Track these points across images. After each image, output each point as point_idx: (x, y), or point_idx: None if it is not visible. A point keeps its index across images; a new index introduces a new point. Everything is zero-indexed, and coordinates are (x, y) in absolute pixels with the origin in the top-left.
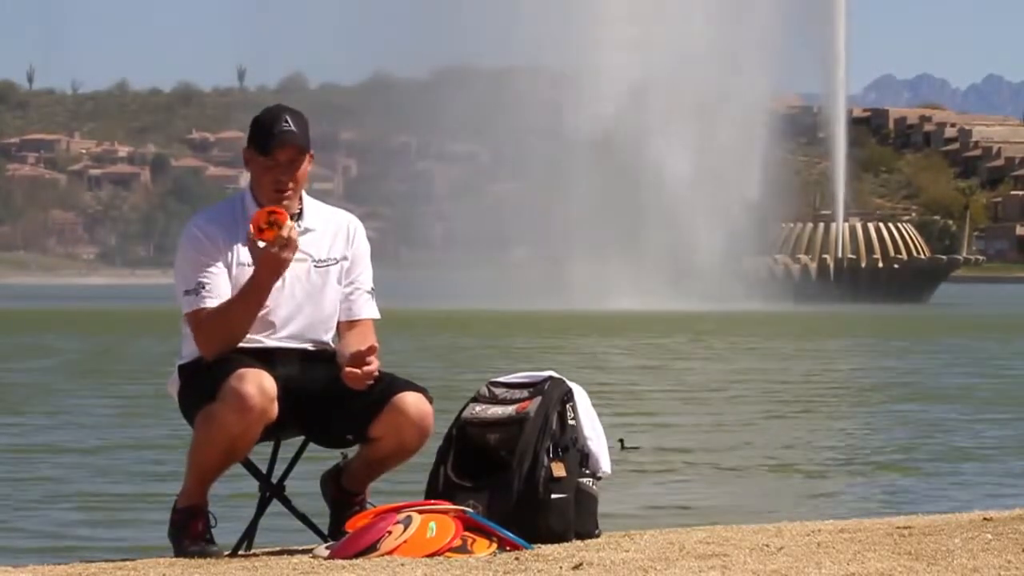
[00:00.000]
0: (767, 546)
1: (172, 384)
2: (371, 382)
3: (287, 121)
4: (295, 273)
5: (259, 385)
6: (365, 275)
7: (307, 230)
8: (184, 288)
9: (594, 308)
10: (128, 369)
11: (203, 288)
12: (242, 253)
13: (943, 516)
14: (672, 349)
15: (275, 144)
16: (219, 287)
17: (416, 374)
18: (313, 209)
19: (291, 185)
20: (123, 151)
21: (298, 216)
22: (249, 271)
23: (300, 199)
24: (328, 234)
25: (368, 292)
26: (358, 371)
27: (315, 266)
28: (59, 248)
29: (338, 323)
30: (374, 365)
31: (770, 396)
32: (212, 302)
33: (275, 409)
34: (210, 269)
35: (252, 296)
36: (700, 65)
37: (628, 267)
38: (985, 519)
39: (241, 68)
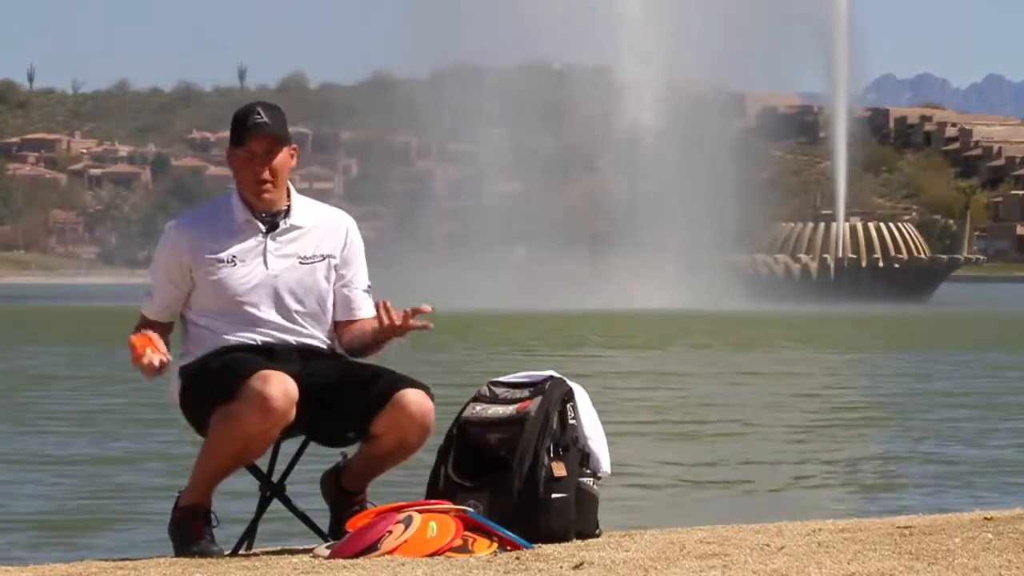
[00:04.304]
0: (768, 546)
1: (172, 385)
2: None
3: (259, 113)
4: (281, 270)
5: (283, 388)
6: (361, 274)
7: (293, 227)
8: (146, 289)
9: (593, 308)
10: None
11: (150, 294)
12: (224, 252)
13: (943, 516)
14: (670, 350)
15: (247, 135)
16: (162, 298)
17: (416, 374)
18: (301, 206)
19: (269, 176)
20: (123, 151)
21: (285, 213)
22: (230, 269)
23: (288, 195)
24: (316, 232)
25: (364, 290)
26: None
27: (300, 263)
28: (59, 248)
29: (339, 323)
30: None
31: (770, 397)
32: (150, 312)
33: (293, 413)
34: (163, 276)
35: None
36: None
37: (626, 266)
38: (985, 519)
39: (241, 68)
